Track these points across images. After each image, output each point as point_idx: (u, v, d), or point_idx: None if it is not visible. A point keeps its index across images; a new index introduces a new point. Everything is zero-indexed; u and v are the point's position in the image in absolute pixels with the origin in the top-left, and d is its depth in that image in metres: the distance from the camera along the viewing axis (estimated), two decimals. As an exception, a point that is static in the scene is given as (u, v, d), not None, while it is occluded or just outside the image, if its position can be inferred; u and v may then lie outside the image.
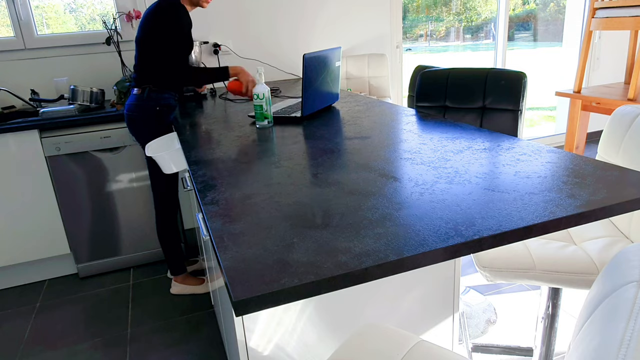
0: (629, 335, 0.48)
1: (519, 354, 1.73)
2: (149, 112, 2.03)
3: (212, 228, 0.85)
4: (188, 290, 2.30)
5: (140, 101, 2.02)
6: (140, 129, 2.06)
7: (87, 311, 2.22)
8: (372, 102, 2.05)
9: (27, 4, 2.58)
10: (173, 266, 2.28)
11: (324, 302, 1.08)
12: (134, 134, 2.09)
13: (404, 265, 0.71)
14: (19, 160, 2.29)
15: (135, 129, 2.07)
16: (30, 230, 2.39)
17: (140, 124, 2.05)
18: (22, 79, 2.64)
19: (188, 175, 1.78)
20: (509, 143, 1.27)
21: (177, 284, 2.31)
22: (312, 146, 1.37)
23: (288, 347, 1.08)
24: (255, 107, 1.67)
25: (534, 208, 0.84)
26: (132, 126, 2.07)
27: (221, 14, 2.94)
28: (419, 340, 0.89)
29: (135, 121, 2.05)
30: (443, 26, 9.05)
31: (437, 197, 0.92)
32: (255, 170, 1.17)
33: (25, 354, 1.94)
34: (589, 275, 1.18)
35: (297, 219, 0.86)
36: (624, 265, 0.59)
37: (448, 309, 1.23)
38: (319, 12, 3.17)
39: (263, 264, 0.71)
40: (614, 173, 0.99)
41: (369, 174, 1.08)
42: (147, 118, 2.03)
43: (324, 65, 1.81)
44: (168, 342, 1.95)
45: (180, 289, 2.30)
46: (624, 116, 1.38)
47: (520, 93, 1.79)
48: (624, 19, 2.52)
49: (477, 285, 2.20)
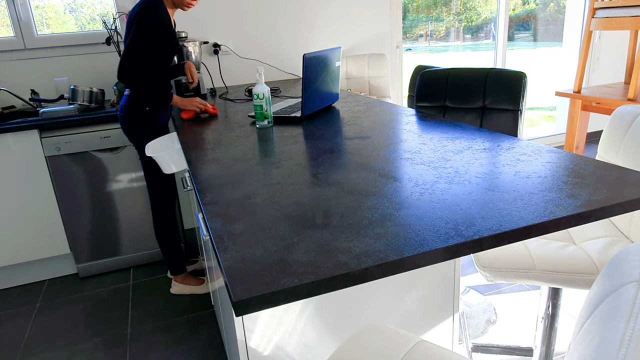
0: (629, 335, 0.48)
1: (519, 354, 1.73)
2: (139, 112, 2.00)
3: (212, 228, 0.85)
4: (188, 290, 2.30)
5: (130, 102, 2.00)
6: (132, 130, 2.04)
7: (87, 311, 2.22)
8: (372, 102, 2.05)
9: (27, 4, 2.58)
10: (172, 266, 2.28)
11: (324, 302, 1.08)
12: (127, 135, 2.07)
13: (404, 265, 0.71)
14: (19, 160, 2.29)
15: (127, 130, 2.05)
16: (30, 230, 2.39)
17: (131, 125, 2.03)
18: (22, 79, 2.64)
19: (188, 175, 1.78)
20: (509, 143, 1.27)
21: (177, 283, 2.31)
22: (312, 146, 1.37)
23: (288, 347, 1.08)
24: (255, 107, 1.67)
25: (534, 208, 0.84)
26: (124, 127, 2.05)
27: (221, 14, 2.94)
28: (419, 340, 0.89)
29: (127, 122, 2.03)
30: (443, 26, 9.05)
31: (437, 197, 0.92)
32: (255, 170, 1.17)
33: (25, 354, 1.94)
34: (589, 275, 1.18)
35: (297, 219, 0.86)
36: (624, 265, 0.59)
37: (448, 309, 1.23)
38: (319, 12, 3.17)
39: (263, 264, 0.71)
40: (614, 173, 0.99)
41: (369, 174, 1.08)
42: (138, 119, 2.01)
43: (324, 65, 1.81)
44: (168, 342, 1.95)
45: (180, 289, 2.30)
46: (624, 116, 1.38)
47: (520, 93, 1.79)
48: (624, 19, 2.52)
49: (477, 285, 2.20)
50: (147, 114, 2.01)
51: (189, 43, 2.58)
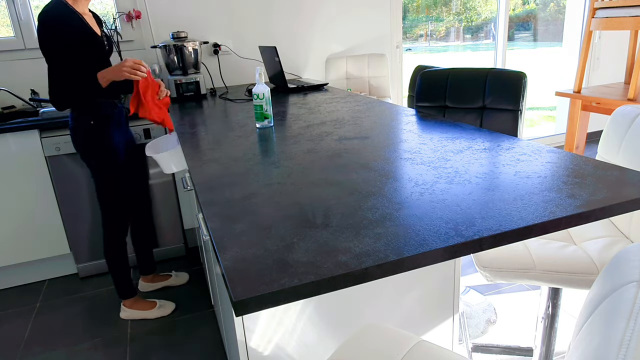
0: (629, 335, 0.48)
1: (519, 354, 1.73)
2: (85, 127, 1.83)
3: (212, 228, 0.85)
4: (138, 315, 2.11)
5: (73, 118, 1.84)
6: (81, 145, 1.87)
7: (87, 311, 2.22)
8: (372, 102, 2.05)
9: (27, 4, 2.58)
10: (121, 289, 2.10)
11: (324, 302, 1.08)
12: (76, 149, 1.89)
13: (404, 265, 0.71)
14: (19, 160, 2.29)
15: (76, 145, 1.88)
16: (30, 230, 2.39)
17: (77, 141, 1.86)
18: (22, 79, 2.64)
19: (188, 175, 1.78)
20: (509, 143, 1.27)
21: (125, 308, 2.12)
22: (312, 146, 1.37)
23: (288, 347, 1.08)
24: (255, 107, 1.67)
25: (534, 208, 0.84)
26: (74, 142, 1.88)
27: (221, 14, 2.94)
28: (419, 340, 0.89)
29: (74, 137, 1.87)
30: (443, 26, 9.05)
31: (437, 197, 0.92)
32: (255, 170, 1.17)
33: (25, 354, 1.94)
34: (589, 275, 1.18)
35: (297, 219, 0.86)
36: (624, 265, 0.59)
37: (448, 309, 1.23)
38: (319, 12, 3.17)
39: (263, 264, 0.71)
40: (614, 173, 0.99)
41: (369, 174, 1.08)
42: (85, 134, 1.84)
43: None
44: (168, 342, 1.95)
45: (129, 314, 2.12)
46: (624, 116, 1.38)
47: (520, 93, 1.79)
48: (624, 19, 2.52)
49: (477, 285, 2.20)
50: (93, 128, 1.83)
51: (188, 43, 2.58)
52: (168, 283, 2.39)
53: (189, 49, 2.60)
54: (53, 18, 1.68)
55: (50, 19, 1.68)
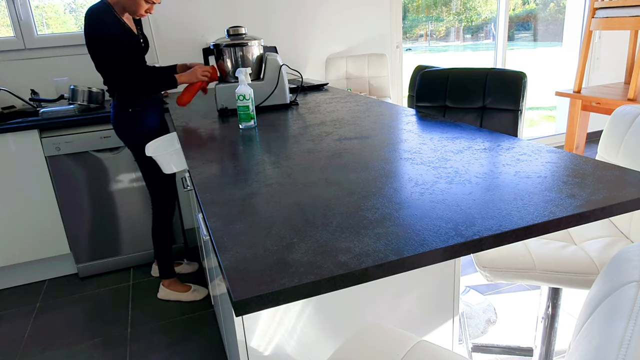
0: (629, 335, 0.48)
1: (519, 354, 1.73)
2: (124, 116, 2.01)
3: (212, 228, 0.85)
4: (173, 296, 2.27)
5: (115, 107, 2.02)
6: (121, 133, 2.05)
7: (87, 311, 2.22)
8: (372, 102, 2.05)
9: (27, 4, 2.58)
10: (163, 269, 2.25)
11: (324, 302, 1.08)
12: (120, 138, 2.09)
13: (404, 265, 0.71)
14: (19, 160, 2.29)
15: (119, 134, 2.07)
16: (30, 230, 2.39)
17: (120, 129, 2.04)
18: (22, 79, 2.64)
19: (188, 175, 1.78)
20: (509, 143, 1.27)
21: (164, 288, 2.28)
22: (312, 146, 1.37)
23: (288, 347, 1.08)
24: (239, 108, 1.63)
25: (534, 208, 0.84)
26: (116, 131, 2.07)
27: (220, 14, 2.94)
28: (419, 340, 0.89)
29: (115, 127, 2.05)
30: (443, 26, 9.05)
31: (437, 197, 0.92)
32: (255, 170, 1.17)
33: (25, 354, 1.94)
34: (589, 275, 1.18)
35: (297, 219, 0.86)
36: (624, 265, 0.59)
37: (448, 309, 1.23)
38: (319, 11, 3.17)
39: (263, 264, 0.71)
40: (614, 173, 0.99)
41: (369, 174, 1.08)
42: (124, 122, 2.02)
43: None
44: (168, 342, 1.95)
45: (166, 294, 2.27)
46: (624, 116, 1.38)
47: (520, 93, 1.79)
48: (624, 19, 2.52)
49: (477, 285, 2.20)
50: (132, 115, 2.01)
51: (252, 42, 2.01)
52: (179, 270, 2.54)
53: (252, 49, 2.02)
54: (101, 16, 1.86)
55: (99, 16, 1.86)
